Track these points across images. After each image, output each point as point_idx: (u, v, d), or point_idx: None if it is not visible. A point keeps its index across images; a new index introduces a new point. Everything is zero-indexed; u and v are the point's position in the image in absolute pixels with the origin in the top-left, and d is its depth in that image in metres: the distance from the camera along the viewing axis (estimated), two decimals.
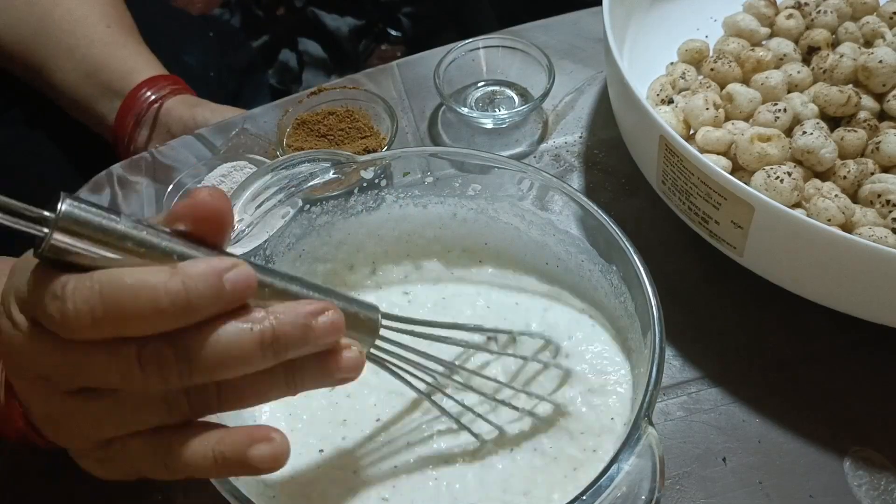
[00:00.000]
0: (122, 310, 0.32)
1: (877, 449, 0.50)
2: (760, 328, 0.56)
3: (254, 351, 0.34)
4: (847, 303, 0.51)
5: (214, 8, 1.55)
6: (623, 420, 0.45)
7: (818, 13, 0.65)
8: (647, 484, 0.38)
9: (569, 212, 0.50)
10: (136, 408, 0.35)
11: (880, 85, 0.59)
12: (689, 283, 0.58)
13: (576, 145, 0.67)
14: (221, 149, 0.68)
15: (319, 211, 0.52)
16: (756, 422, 0.52)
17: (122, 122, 0.74)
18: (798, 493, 0.49)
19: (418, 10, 1.52)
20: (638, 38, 0.68)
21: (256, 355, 0.34)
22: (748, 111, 0.59)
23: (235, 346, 0.34)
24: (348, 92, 0.68)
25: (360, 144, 0.65)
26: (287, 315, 0.35)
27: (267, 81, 1.13)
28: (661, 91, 0.62)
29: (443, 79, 0.67)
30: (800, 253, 0.50)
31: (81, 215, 0.32)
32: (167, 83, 0.75)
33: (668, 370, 0.54)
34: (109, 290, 0.32)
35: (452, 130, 0.69)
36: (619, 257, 0.46)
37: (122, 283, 0.32)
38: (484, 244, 0.54)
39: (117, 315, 0.32)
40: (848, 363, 0.54)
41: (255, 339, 0.34)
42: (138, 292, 0.32)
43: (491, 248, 0.54)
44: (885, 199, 0.54)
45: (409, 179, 0.53)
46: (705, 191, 0.52)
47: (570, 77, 0.72)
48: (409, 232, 0.54)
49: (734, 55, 0.63)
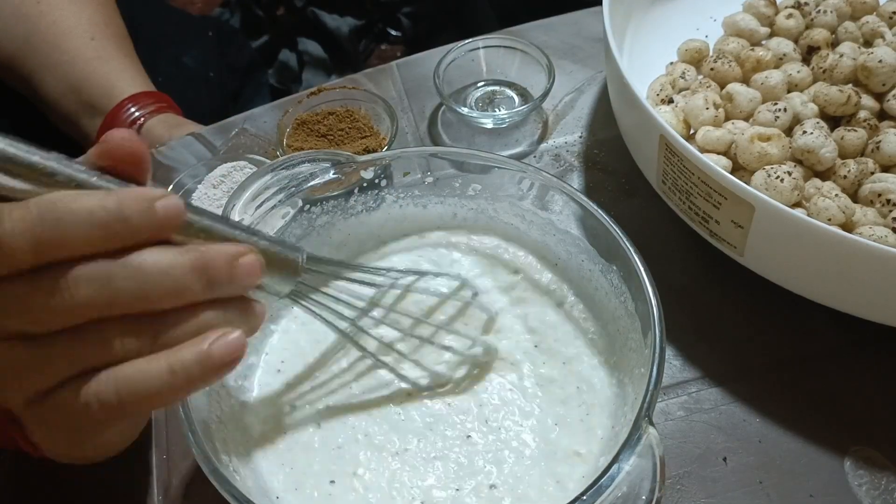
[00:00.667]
0: (60, 227, 0.33)
1: (877, 448, 0.50)
2: (761, 328, 0.56)
3: (187, 277, 0.35)
4: (847, 302, 0.51)
5: (214, 8, 1.55)
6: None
7: (818, 13, 0.65)
8: (647, 484, 0.38)
9: (569, 211, 0.50)
10: (67, 346, 0.34)
11: (880, 84, 0.59)
12: (690, 283, 0.58)
13: (576, 145, 0.67)
14: (221, 149, 0.68)
15: (319, 211, 0.52)
16: (756, 421, 0.52)
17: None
18: (798, 492, 0.49)
19: (418, 10, 1.52)
20: (638, 38, 0.68)
21: (190, 281, 0.35)
22: (748, 111, 0.59)
23: (169, 269, 0.34)
24: (348, 92, 0.68)
25: (360, 144, 0.65)
26: (215, 250, 0.36)
27: (267, 81, 1.13)
28: (661, 91, 0.62)
29: (443, 79, 0.67)
30: (800, 252, 0.50)
31: (12, 151, 0.33)
32: (150, 101, 0.74)
33: (669, 370, 0.54)
34: (47, 209, 0.33)
35: (452, 130, 0.69)
36: (620, 257, 0.46)
37: (59, 202, 0.33)
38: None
39: (53, 234, 0.33)
40: (848, 363, 0.54)
41: (186, 264, 0.35)
42: (75, 209, 0.33)
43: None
44: (886, 199, 0.54)
45: (409, 179, 0.53)
46: (705, 190, 0.52)
47: (570, 77, 0.72)
48: (409, 232, 0.54)
49: (734, 55, 0.63)
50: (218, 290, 0.36)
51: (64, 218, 0.33)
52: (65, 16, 0.75)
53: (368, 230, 0.54)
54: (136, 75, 0.76)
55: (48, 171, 0.34)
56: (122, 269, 0.34)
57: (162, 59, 0.84)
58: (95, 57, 0.74)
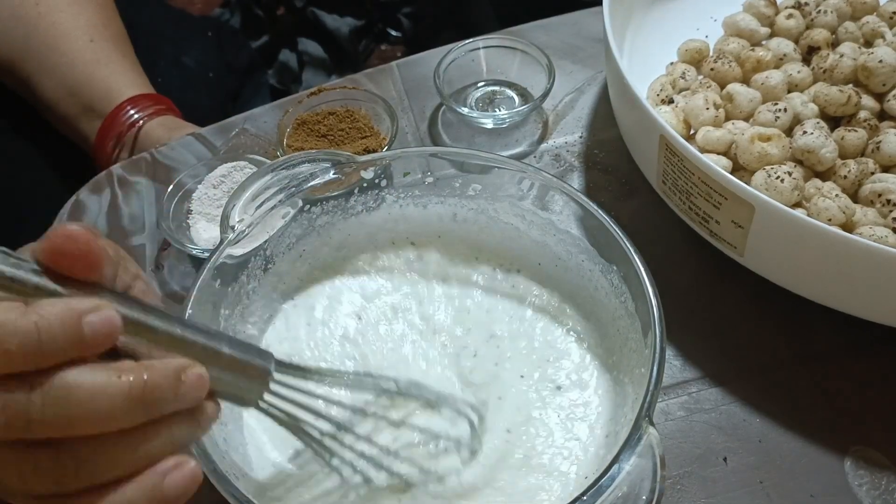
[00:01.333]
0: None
1: (877, 448, 0.50)
2: (761, 328, 0.56)
3: (120, 401, 0.31)
4: (848, 303, 0.51)
5: (214, 8, 1.55)
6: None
7: (818, 13, 0.65)
8: (647, 484, 0.38)
9: (569, 212, 0.50)
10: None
11: (880, 84, 0.59)
12: (690, 283, 0.58)
13: (576, 145, 0.67)
14: (221, 149, 0.68)
15: (319, 211, 0.52)
16: (756, 421, 0.52)
17: (102, 143, 0.73)
18: (799, 492, 0.49)
19: (418, 10, 1.52)
20: (638, 38, 0.68)
21: (123, 406, 0.31)
22: (748, 111, 0.59)
23: (100, 393, 0.31)
24: (348, 92, 0.68)
25: (360, 144, 0.65)
26: (155, 369, 0.32)
27: (267, 81, 1.13)
28: (662, 91, 0.62)
29: (443, 79, 0.67)
30: (800, 253, 0.50)
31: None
32: (150, 103, 0.74)
33: (669, 370, 0.54)
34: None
35: (452, 130, 0.69)
36: (620, 257, 0.46)
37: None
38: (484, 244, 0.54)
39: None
40: (849, 363, 0.54)
41: (122, 387, 0.31)
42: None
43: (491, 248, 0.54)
44: (886, 199, 0.54)
45: (410, 179, 0.53)
46: (706, 190, 0.52)
47: (570, 77, 0.72)
48: (409, 232, 0.54)
49: (734, 55, 0.63)
50: (162, 410, 0.33)
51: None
52: (64, 18, 0.75)
53: (368, 230, 0.54)
54: (136, 77, 0.76)
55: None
56: (45, 394, 0.30)
57: (161, 60, 0.84)
58: (94, 59, 0.74)
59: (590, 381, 0.49)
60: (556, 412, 0.48)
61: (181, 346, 0.35)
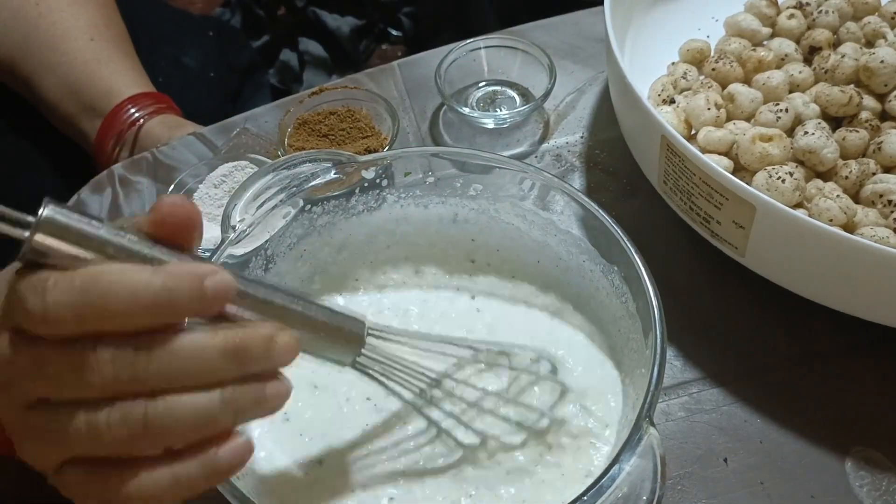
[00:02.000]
0: (103, 303, 0.32)
1: (879, 449, 0.50)
2: (762, 328, 0.56)
3: (217, 360, 0.34)
4: (849, 303, 0.51)
5: (215, 8, 1.55)
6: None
7: (819, 13, 0.65)
8: (648, 484, 0.38)
9: (570, 212, 0.50)
10: (89, 423, 0.33)
11: (882, 85, 0.59)
12: (691, 284, 0.58)
13: (577, 145, 0.67)
14: (223, 148, 0.68)
15: (320, 211, 0.52)
16: (757, 422, 0.52)
17: (102, 142, 0.73)
18: (800, 493, 0.49)
19: (419, 9, 1.52)
20: (639, 38, 0.68)
21: (221, 364, 0.34)
22: (750, 111, 0.59)
23: (200, 352, 0.33)
24: (349, 92, 0.68)
25: (361, 144, 0.65)
26: (250, 331, 0.35)
27: (268, 81, 1.13)
28: (663, 91, 0.62)
29: (444, 79, 0.67)
30: (801, 253, 0.50)
31: (63, 220, 0.32)
32: (150, 101, 0.74)
33: (670, 370, 0.54)
34: (91, 283, 0.32)
35: (454, 130, 0.69)
36: (621, 257, 0.46)
37: (103, 277, 0.32)
38: (484, 245, 0.54)
39: (96, 308, 0.32)
40: (849, 363, 0.54)
41: (218, 346, 0.34)
42: (119, 287, 0.32)
43: (491, 249, 0.54)
44: (887, 200, 0.53)
45: (411, 179, 0.53)
46: (707, 191, 0.52)
47: (571, 77, 0.72)
48: (410, 232, 0.54)
49: (735, 55, 0.63)
50: (252, 369, 0.35)
51: (108, 294, 0.32)
52: (64, 17, 0.75)
53: (369, 230, 0.54)
54: (136, 76, 0.76)
55: (98, 240, 0.33)
56: (152, 352, 0.33)
57: (162, 59, 0.84)
58: (95, 58, 0.74)
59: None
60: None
61: (280, 313, 0.37)
